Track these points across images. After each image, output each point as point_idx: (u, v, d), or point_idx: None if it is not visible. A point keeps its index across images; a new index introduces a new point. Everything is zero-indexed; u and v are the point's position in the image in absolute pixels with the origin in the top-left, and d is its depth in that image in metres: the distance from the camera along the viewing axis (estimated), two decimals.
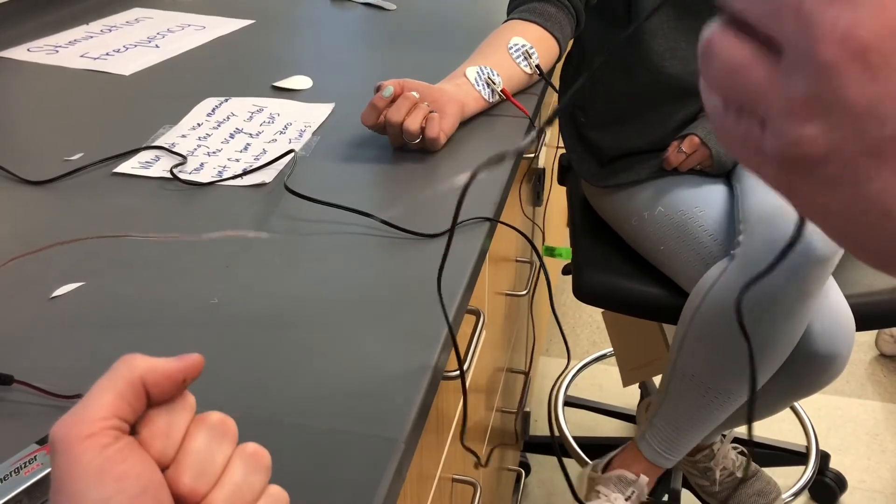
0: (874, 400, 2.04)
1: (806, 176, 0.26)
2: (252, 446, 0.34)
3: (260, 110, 1.01)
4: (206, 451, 0.33)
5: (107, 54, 1.21)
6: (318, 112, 1.00)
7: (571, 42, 1.28)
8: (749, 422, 0.51)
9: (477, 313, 0.77)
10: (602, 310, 1.41)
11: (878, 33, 0.23)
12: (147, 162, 0.87)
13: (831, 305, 1.11)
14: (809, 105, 0.25)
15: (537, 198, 1.55)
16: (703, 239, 1.15)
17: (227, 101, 1.03)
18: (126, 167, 0.86)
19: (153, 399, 0.32)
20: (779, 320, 1.06)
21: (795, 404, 1.87)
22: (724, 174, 1.25)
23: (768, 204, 1.08)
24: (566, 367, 1.29)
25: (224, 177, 0.84)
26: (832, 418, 1.97)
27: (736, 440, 1.56)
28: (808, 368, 1.14)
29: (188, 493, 0.32)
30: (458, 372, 0.64)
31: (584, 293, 1.29)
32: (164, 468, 0.32)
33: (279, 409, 0.52)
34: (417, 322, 0.62)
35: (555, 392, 1.85)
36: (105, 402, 0.31)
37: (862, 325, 1.15)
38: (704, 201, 1.18)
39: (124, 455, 0.31)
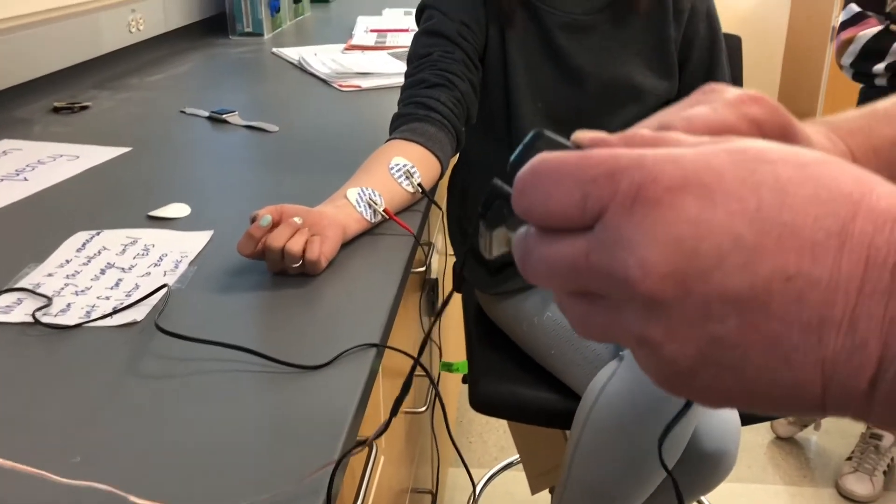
0: (776, 484, 2.07)
1: (687, 385, 0.28)
2: None
3: (134, 242, 0.97)
4: None
5: None
6: (196, 240, 0.97)
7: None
8: None
9: (369, 446, 0.74)
10: None
11: (668, 260, 0.26)
12: (7, 306, 0.82)
13: None
14: (653, 331, 0.27)
15: (433, 308, 1.54)
16: (591, 342, 1.16)
17: (99, 234, 0.99)
18: None
19: None
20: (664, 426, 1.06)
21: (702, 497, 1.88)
22: None
23: None
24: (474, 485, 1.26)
25: (92, 317, 0.79)
26: None
27: None
28: (699, 468, 1.15)
29: None
30: None
31: (479, 404, 1.28)
32: None
33: None
34: (303, 462, 0.58)
35: None
36: None
37: (747, 419, 1.18)
38: None
39: None
